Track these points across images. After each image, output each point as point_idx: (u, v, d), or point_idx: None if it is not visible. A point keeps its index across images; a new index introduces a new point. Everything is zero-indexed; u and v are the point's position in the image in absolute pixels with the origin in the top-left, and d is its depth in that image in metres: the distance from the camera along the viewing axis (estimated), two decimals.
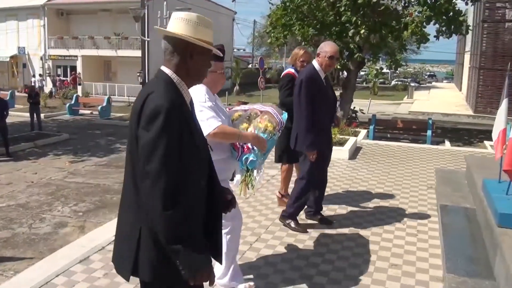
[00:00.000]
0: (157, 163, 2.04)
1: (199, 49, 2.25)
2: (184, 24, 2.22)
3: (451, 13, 14.08)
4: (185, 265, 2.10)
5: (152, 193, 2.05)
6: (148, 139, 2.06)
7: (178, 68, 2.25)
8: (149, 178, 2.05)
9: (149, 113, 2.08)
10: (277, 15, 14.75)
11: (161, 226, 2.06)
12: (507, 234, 3.95)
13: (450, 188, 6.28)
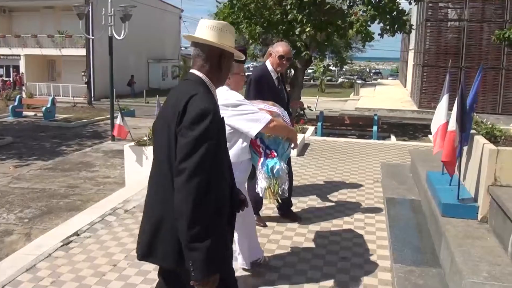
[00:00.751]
0: (195, 162, 2.14)
1: (227, 54, 2.46)
2: (214, 32, 2.40)
3: (395, 12, 14.49)
4: (196, 266, 2.14)
5: (184, 189, 2.14)
6: (191, 138, 2.17)
7: (210, 73, 2.43)
8: (184, 174, 2.14)
9: (195, 114, 2.20)
10: (224, 13, 14.75)
11: (187, 222, 2.13)
12: (450, 223, 4.09)
13: (395, 181, 6.45)
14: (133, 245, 4.78)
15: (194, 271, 2.14)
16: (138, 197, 6.32)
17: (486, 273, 3.27)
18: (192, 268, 2.14)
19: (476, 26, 26.07)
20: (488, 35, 23.85)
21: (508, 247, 3.57)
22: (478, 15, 25.99)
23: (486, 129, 4.80)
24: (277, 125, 3.63)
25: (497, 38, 15.90)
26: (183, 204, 2.14)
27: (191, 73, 2.45)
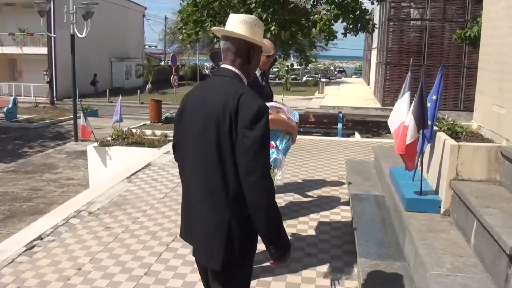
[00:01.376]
0: (264, 160, 2.30)
1: (257, 48, 2.50)
2: (245, 26, 2.44)
3: (358, 11, 14.66)
4: (278, 248, 2.39)
5: (259, 187, 2.28)
6: (255, 138, 2.26)
7: (242, 67, 2.48)
8: (257, 173, 2.27)
9: (254, 114, 2.28)
10: (188, 11, 14.60)
11: (267, 215, 2.31)
12: (413, 217, 4.18)
13: (360, 177, 6.54)
14: (97, 247, 4.72)
15: (276, 253, 2.39)
16: (102, 199, 6.23)
17: (450, 265, 3.35)
18: (274, 251, 2.38)
19: (438, 26, 26.65)
20: (450, 34, 24.40)
21: (470, 239, 3.68)
22: (439, 14, 26.57)
23: (447, 125, 4.91)
24: (274, 119, 3.80)
25: (458, 37, 16.28)
26: (261, 199, 2.29)
27: (225, 69, 2.48)
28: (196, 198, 2.47)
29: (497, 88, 4.80)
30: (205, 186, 2.41)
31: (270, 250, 2.39)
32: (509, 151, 4.05)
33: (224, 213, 2.37)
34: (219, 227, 2.38)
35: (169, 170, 7.81)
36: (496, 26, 4.95)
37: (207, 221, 2.42)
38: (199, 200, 2.44)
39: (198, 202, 2.45)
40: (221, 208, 2.37)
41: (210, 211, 2.40)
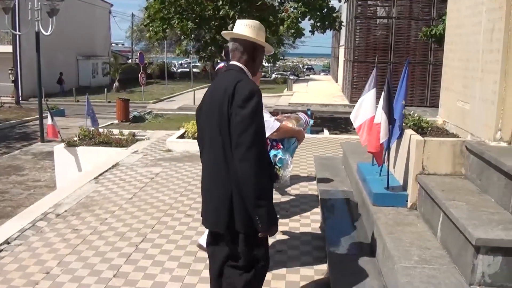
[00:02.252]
0: (251, 135, 2.56)
1: (260, 47, 2.92)
2: (250, 29, 2.87)
3: (325, 9, 14.76)
4: (263, 219, 2.63)
5: (246, 158, 2.55)
6: (245, 114, 2.58)
7: (248, 64, 2.88)
8: (244, 146, 2.56)
9: (245, 95, 2.62)
10: (155, 8, 14.40)
11: (252, 184, 2.57)
12: (381, 211, 4.24)
13: (328, 173, 6.60)
14: (65, 250, 4.64)
15: (261, 224, 2.63)
16: (70, 200, 6.12)
17: (417, 257, 3.41)
18: (259, 221, 2.62)
19: (404, 23, 27.08)
20: (416, 32, 24.79)
21: (437, 231, 3.75)
22: (405, 12, 27.00)
23: (413, 121, 4.99)
24: (282, 132, 4.27)
25: (424, 35, 16.56)
26: (247, 170, 2.56)
27: (232, 64, 2.89)
28: (207, 177, 2.88)
29: (461, 85, 4.91)
30: (212, 165, 2.80)
31: (256, 221, 2.63)
32: (473, 145, 4.14)
33: (227, 188, 2.71)
34: (223, 200, 2.73)
35: (137, 170, 7.73)
36: (460, 24, 5.05)
37: (213, 195, 2.82)
38: (209, 178, 2.85)
39: (208, 180, 2.87)
40: (224, 184, 2.72)
41: (215, 187, 2.79)
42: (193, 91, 30.64)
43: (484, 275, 3.03)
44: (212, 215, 2.86)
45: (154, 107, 24.64)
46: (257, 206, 2.61)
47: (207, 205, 2.91)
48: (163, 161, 8.42)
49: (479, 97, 4.42)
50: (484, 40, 4.36)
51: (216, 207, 2.80)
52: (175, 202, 6.14)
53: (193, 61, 44.52)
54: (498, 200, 3.63)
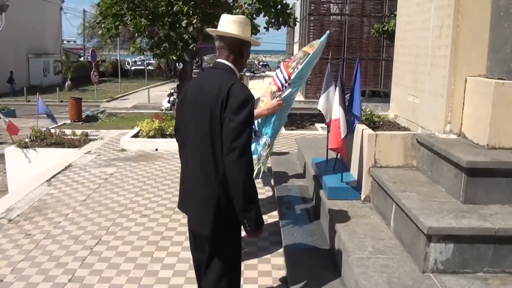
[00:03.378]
0: (244, 141, 2.60)
1: (248, 44, 2.90)
2: (237, 26, 2.82)
3: (279, 6, 14.82)
4: (251, 222, 2.69)
5: (237, 164, 2.60)
6: (239, 121, 2.60)
7: (235, 62, 2.85)
8: (237, 151, 2.59)
9: (240, 101, 2.62)
10: (107, 4, 14.09)
11: (242, 189, 2.62)
12: (336, 205, 4.30)
13: (284, 169, 6.64)
14: (19, 256, 4.51)
15: (249, 226, 2.70)
16: (22, 204, 5.94)
17: (371, 248, 3.49)
18: (247, 224, 2.69)
19: (357, 20, 27.52)
20: (368, 28, 25.30)
21: (390, 222, 3.84)
22: (358, 9, 27.44)
23: (365, 115, 5.08)
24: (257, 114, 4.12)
25: (376, 31, 16.94)
26: (239, 176, 2.61)
27: (220, 62, 2.86)
28: (192, 174, 2.84)
29: (411, 79, 5.03)
30: (200, 164, 2.78)
31: (244, 223, 2.71)
32: (424, 138, 4.25)
33: (214, 188, 2.72)
34: (210, 199, 2.74)
35: (91, 171, 7.57)
36: (410, 20, 5.18)
37: (199, 194, 2.80)
38: (194, 176, 2.82)
39: (193, 178, 2.83)
40: (212, 184, 2.73)
41: (202, 186, 2.78)
42: (148, 89, 30.20)
43: (437, 262, 3.14)
44: (197, 216, 2.86)
45: (108, 106, 24.15)
46: (246, 210, 2.67)
47: (192, 206, 2.89)
48: (117, 161, 8.28)
49: (429, 91, 4.55)
50: (433, 36, 4.49)
51: (202, 208, 2.79)
52: (130, 202, 6.05)
53: (147, 58, 43.91)
54: (449, 189, 3.75)
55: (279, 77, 4.36)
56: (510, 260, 3.17)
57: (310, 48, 4.34)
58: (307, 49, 4.33)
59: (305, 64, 4.26)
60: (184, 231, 5.05)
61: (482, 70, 4.13)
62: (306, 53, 4.30)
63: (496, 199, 3.52)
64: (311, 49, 4.28)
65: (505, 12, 3.88)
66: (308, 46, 4.36)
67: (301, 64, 4.27)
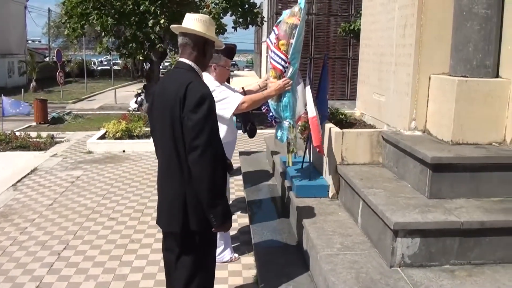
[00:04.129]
0: (204, 138, 2.60)
1: (210, 42, 2.89)
2: (200, 23, 2.82)
3: (246, 5, 14.81)
4: (218, 217, 2.71)
5: (201, 161, 2.62)
6: (197, 120, 2.60)
7: (198, 60, 2.85)
8: (198, 150, 2.61)
9: (197, 99, 2.63)
10: (72, 4, 13.82)
11: (206, 186, 2.64)
12: (304, 203, 4.33)
13: (253, 168, 6.65)
14: None
15: (215, 221, 2.72)
16: None
17: (339, 244, 3.53)
18: (214, 219, 2.71)
19: (324, 20, 27.75)
20: (335, 27, 25.48)
21: (357, 219, 3.90)
22: (325, 9, 27.67)
23: (332, 114, 5.13)
24: (251, 102, 3.98)
25: (343, 30, 17.08)
26: (202, 173, 2.63)
27: (181, 62, 2.86)
28: (161, 175, 2.91)
29: (377, 78, 5.11)
30: (166, 165, 2.83)
31: (211, 218, 2.72)
32: (389, 135, 4.33)
33: (181, 188, 2.75)
34: (176, 199, 2.77)
35: (57, 174, 7.44)
36: (375, 20, 5.25)
37: (167, 194, 2.86)
38: (162, 177, 2.89)
39: (162, 179, 2.90)
40: (178, 184, 2.76)
41: (169, 186, 2.83)
42: (114, 90, 29.75)
43: (404, 257, 3.20)
44: (165, 215, 2.90)
45: (74, 107, 23.67)
46: (212, 206, 2.69)
47: (161, 206, 2.94)
48: (84, 164, 8.15)
49: (394, 89, 4.62)
50: (397, 35, 4.56)
51: (170, 207, 2.84)
52: (97, 205, 5.96)
53: (113, 58, 43.25)
54: (415, 185, 3.82)
55: (276, 60, 4.23)
56: (476, 252, 3.25)
57: (293, 17, 4.14)
58: (290, 19, 4.14)
59: (296, 36, 4.11)
60: (153, 233, 5.03)
61: (446, 68, 4.22)
62: (293, 25, 4.12)
63: (460, 193, 3.61)
64: (296, 18, 4.12)
65: (468, 12, 3.98)
66: (289, 15, 4.17)
67: (293, 38, 4.13)
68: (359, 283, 2.98)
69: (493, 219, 3.26)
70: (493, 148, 3.83)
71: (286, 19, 4.20)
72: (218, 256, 4.27)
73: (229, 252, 4.38)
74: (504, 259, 3.29)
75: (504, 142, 3.94)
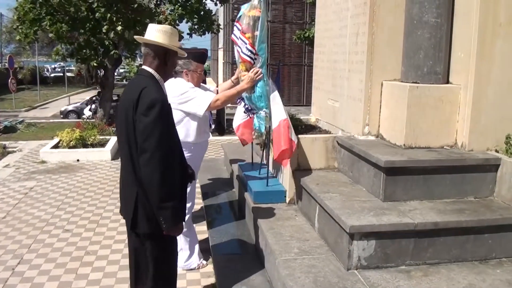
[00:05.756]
0: (154, 141, 2.69)
1: (172, 52, 2.98)
2: (162, 35, 2.93)
3: (202, 12, 14.81)
4: (167, 220, 2.77)
5: (150, 163, 2.69)
6: (147, 122, 2.69)
7: (158, 68, 2.95)
8: (147, 152, 2.69)
9: (147, 103, 2.71)
10: (25, 9, 13.45)
11: (156, 188, 2.70)
12: (262, 209, 4.36)
13: (211, 175, 6.64)
14: None
15: (165, 224, 2.77)
16: None
17: (297, 249, 3.57)
18: (163, 222, 2.76)
19: (279, 27, 28.06)
20: (290, 35, 25.82)
21: (314, 223, 3.95)
22: (280, 16, 28.00)
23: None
24: (224, 99, 4.05)
25: (298, 37, 17.28)
26: (151, 175, 2.69)
27: (142, 69, 2.97)
28: (121, 175, 3.04)
29: (331, 84, 5.19)
30: (123, 166, 2.95)
31: (160, 221, 2.77)
32: (344, 140, 4.40)
33: (134, 188, 2.83)
34: (130, 198, 2.86)
35: (10, 185, 7.20)
36: (328, 28, 5.35)
37: (124, 193, 3.00)
38: (121, 178, 3.03)
39: (121, 179, 3.04)
40: (132, 183, 2.84)
41: (125, 186, 2.96)
42: (68, 97, 29.14)
43: (360, 259, 3.26)
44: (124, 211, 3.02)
45: (27, 115, 23.07)
46: (161, 208, 2.75)
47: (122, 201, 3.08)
48: (37, 174, 7.92)
49: (347, 95, 4.72)
50: (350, 42, 4.66)
51: (126, 206, 2.97)
52: (52, 217, 5.80)
53: (67, 64, 42.29)
54: (369, 189, 3.91)
55: (245, 53, 4.24)
56: (430, 252, 3.36)
57: (254, 9, 4.18)
58: (251, 12, 4.18)
59: (260, 27, 4.16)
60: (109, 244, 4.94)
61: (397, 74, 4.34)
62: (255, 17, 4.17)
63: (414, 196, 3.72)
64: (257, 10, 4.17)
65: (418, 21, 4.11)
66: (249, 9, 4.20)
67: (257, 30, 4.17)
68: (317, 287, 3.01)
69: (446, 219, 3.37)
70: (445, 151, 3.96)
71: (246, 12, 4.23)
72: (185, 263, 4.24)
73: (196, 258, 4.33)
74: (458, 257, 3.41)
75: (456, 145, 4.09)
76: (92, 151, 9.18)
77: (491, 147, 4.00)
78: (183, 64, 4.10)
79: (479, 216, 3.45)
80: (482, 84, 3.91)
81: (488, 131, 3.98)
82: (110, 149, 9.10)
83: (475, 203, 3.69)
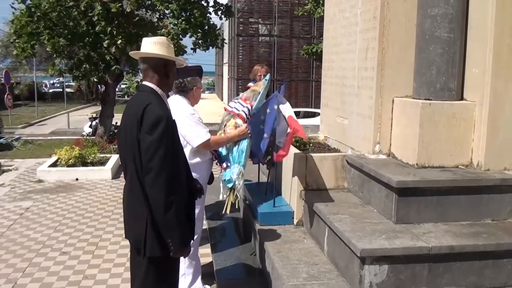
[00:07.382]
0: (159, 160, 2.59)
1: (171, 63, 2.92)
2: (158, 46, 2.84)
3: (206, 26, 14.74)
4: (175, 242, 2.67)
5: (155, 184, 2.59)
6: (151, 141, 2.61)
7: (160, 82, 2.85)
8: (152, 172, 2.59)
9: (151, 121, 2.63)
10: (22, 22, 13.36)
11: (162, 210, 2.59)
12: (268, 230, 4.21)
13: (215, 194, 6.44)
14: None
15: (173, 246, 2.67)
16: None
17: (305, 274, 3.41)
18: (171, 244, 2.67)
19: (286, 41, 28.11)
20: (297, 49, 25.80)
21: (324, 246, 3.79)
22: (287, 31, 28.06)
23: (295, 137, 5.03)
24: (213, 144, 4.01)
25: (306, 52, 17.27)
26: (157, 195, 2.59)
27: (143, 85, 2.88)
28: (126, 196, 2.89)
29: (340, 101, 5.06)
30: (129, 186, 2.81)
31: (168, 243, 2.68)
32: (354, 159, 4.26)
33: (143, 208, 2.69)
34: (139, 219, 2.72)
35: (5, 206, 7.04)
36: (337, 43, 5.23)
37: (131, 214, 2.83)
38: (126, 198, 2.88)
39: (126, 200, 2.89)
40: (140, 204, 2.70)
41: (132, 207, 2.81)
42: (67, 113, 28.97)
43: (372, 285, 3.09)
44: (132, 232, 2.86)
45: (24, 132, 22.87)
46: (169, 229, 2.65)
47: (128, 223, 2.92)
48: (33, 194, 7.76)
49: (357, 112, 4.58)
50: (359, 58, 4.54)
51: (135, 226, 2.82)
52: (48, 239, 5.63)
53: (66, 80, 42.27)
54: (381, 210, 3.75)
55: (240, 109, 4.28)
56: (446, 278, 3.19)
57: (257, 87, 4.40)
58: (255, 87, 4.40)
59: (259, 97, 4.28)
60: (108, 267, 4.78)
61: (409, 91, 4.21)
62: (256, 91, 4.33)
63: (428, 218, 3.56)
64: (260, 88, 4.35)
65: (430, 36, 3.99)
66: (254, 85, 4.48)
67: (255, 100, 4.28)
68: None
69: (462, 243, 3.21)
70: (460, 171, 3.80)
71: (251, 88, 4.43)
72: None
73: (199, 284, 4.16)
74: (476, 284, 3.24)
75: (471, 164, 3.93)
76: (92, 169, 9.03)
77: (508, 167, 3.83)
78: (192, 81, 4.01)
79: (498, 240, 3.28)
80: (499, 101, 3.76)
81: (506, 149, 3.82)
82: (111, 167, 8.95)
83: (493, 226, 3.52)
